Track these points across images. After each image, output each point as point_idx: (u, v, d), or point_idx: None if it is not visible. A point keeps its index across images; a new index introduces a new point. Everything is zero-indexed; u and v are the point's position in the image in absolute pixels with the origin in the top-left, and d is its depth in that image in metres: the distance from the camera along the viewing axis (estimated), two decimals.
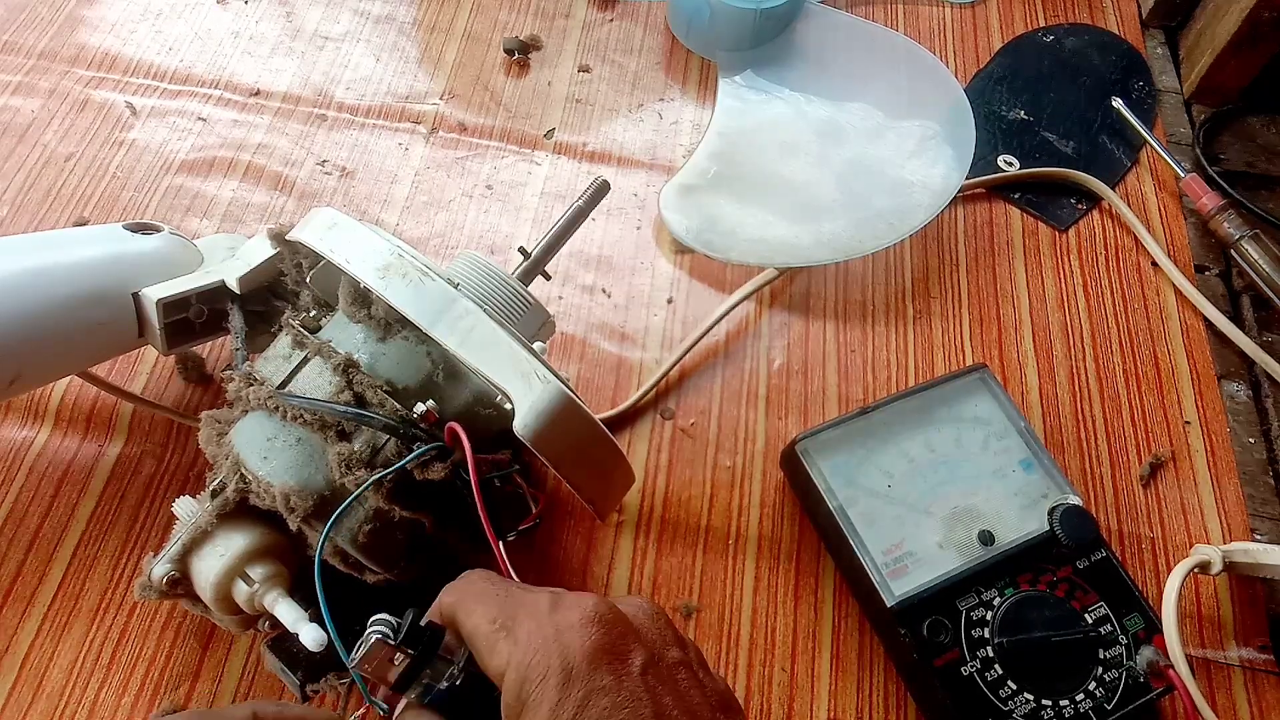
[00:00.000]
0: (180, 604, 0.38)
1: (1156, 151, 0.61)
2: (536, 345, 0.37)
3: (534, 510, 0.37)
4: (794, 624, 0.44)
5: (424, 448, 0.34)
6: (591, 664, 0.24)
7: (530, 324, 0.40)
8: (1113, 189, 0.60)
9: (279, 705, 0.32)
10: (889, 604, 0.40)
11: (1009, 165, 0.61)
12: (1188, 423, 0.51)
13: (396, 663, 0.26)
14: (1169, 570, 0.44)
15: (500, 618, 0.26)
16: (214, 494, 0.36)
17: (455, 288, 0.35)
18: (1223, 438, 0.51)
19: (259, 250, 0.42)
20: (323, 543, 0.33)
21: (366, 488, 0.33)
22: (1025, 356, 0.53)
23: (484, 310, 0.34)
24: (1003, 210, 0.60)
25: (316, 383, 0.36)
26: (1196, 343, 0.54)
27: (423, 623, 0.27)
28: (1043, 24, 0.69)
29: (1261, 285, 0.55)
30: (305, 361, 0.37)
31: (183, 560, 0.36)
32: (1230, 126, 0.64)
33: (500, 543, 0.33)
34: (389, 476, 0.34)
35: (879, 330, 0.54)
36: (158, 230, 0.44)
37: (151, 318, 0.40)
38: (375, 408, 0.35)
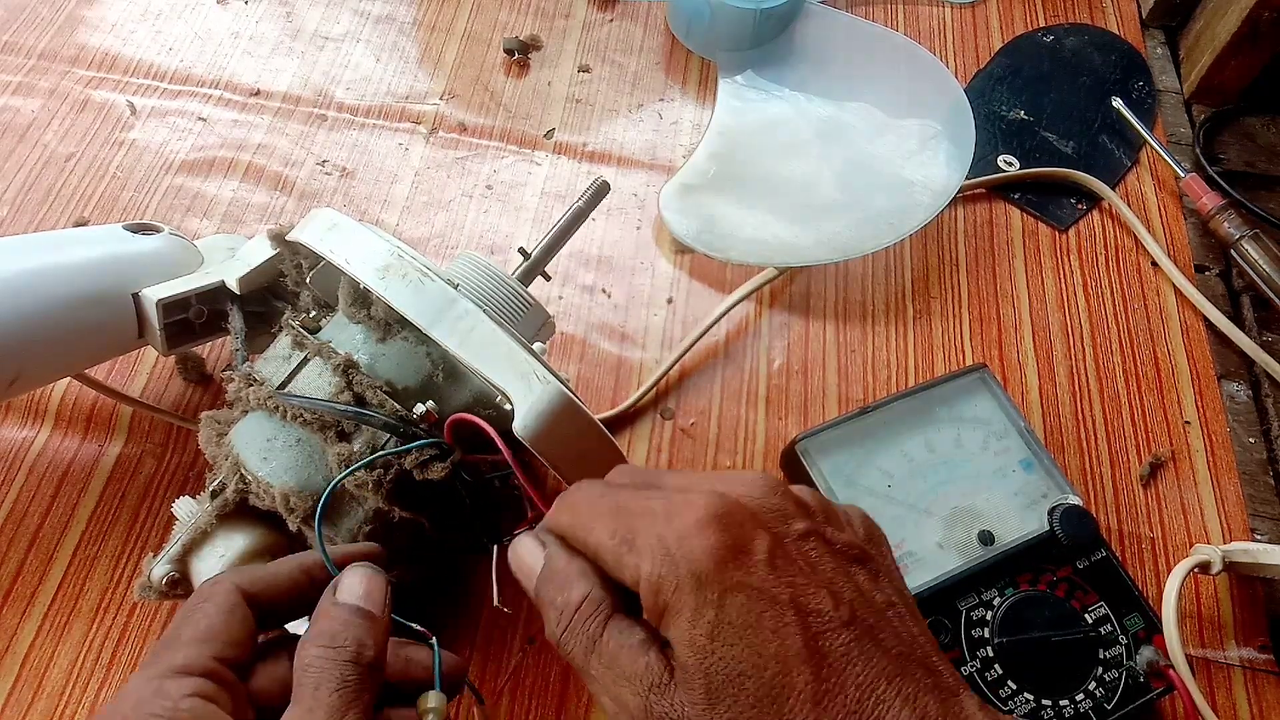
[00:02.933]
0: (180, 604, 0.38)
1: (1156, 151, 0.61)
2: (536, 345, 0.37)
3: (530, 515, 0.37)
4: None
5: (422, 442, 0.34)
6: (719, 566, 0.24)
7: (530, 324, 0.40)
8: (1113, 189, 0.60)
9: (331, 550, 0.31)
10: None
11: (1009, 165, 0.61)
12: (1188, 423, 0.51)
13: None
14: (1169, 570, 0.44)
15: (619, 531, 0.26)
16: (214, 494, 0.36)
17: (455, 288, 0.35)
18: (1223, 438, 0.51)
19: (259, 251, 0.42)
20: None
21: (357, 468, 0.33)
22: (1025, 356, 0.53)
23: (484, 311, 0.34)
24: (1003, 210, 0.60)
25: (316, 383, 0.36)
26: (1196, 343, 0.54)
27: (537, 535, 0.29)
28: (1043, 24, 0.69)
29: (1261, 285, 0.55)
30: (305, 362, 0.37)
31: (183, 560, 0.36)
32: (1230, 126, 0.64)
33: (495, 547, 0.33)
34: (389, 478, 0.34)
35: (879, 330, 0.54)
36: (158, 231, 0.44)
37: (151, 318, 0.40)
38: (375, 408, 0.35)
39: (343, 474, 0.33)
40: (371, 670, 0.26)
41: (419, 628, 0.30)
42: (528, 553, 0.29)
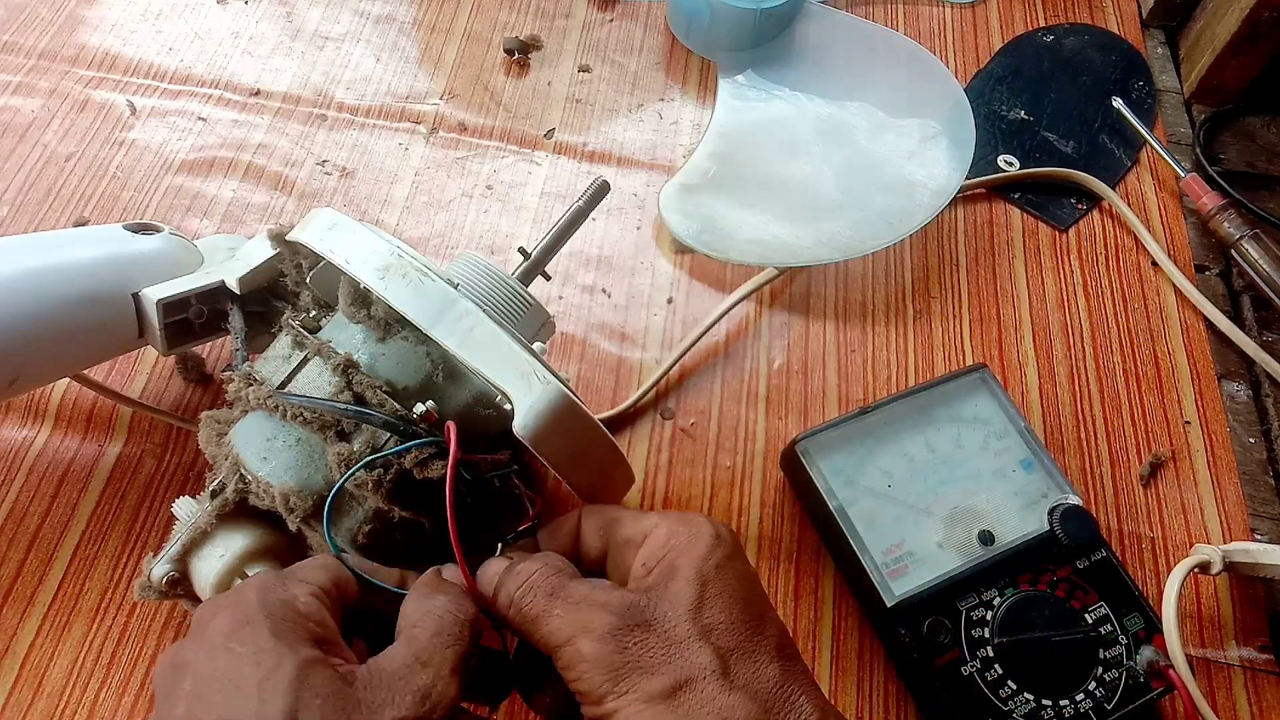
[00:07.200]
0: (180, 604, 0.38)
1: (1156, 151, 0.61)
2: (536, 345, 0.37)
3: (530, 512, 0.37)
4: (794, 624, 0.44)
5: (420, 441, 0.34)
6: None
7: (530, 324, 0.40)
8: (1113, 189, 0.60)
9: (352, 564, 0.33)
10: (889, 604, 0.40)
11: (1009, 165, 0.61)
12: (1188, 423, 0.51)
13: None
14: (1169, 570, 0.44)
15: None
16: (214, 494, 0.36)
17: (455, 288, 0.35)
18: (1223, 438, 0.51)
19: (259, 251, 0.42)
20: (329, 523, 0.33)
21: (358, 469, 0.33)
22: (1025, 356, 0.53)
23: (484, 311, 0.34)
24: (1003, 210, 0.60)
25: (316, 383, 0.36)
26: (1196, 343, 0.54)
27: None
28: (1043, 24, 0.69)
29: (1261, 285, 0.55)
30: (305, 362, 0.37)
31: (182, 560, 0.36)
32: (1230, 126, 0.64)
33: (460, 548, 0.32)
34: (389, 477, 0.34)
35: (879, 330, 0.54)
36: (158, 230, 0.44)
37: (151, 318, 0.40)
38: (375, 408, 0.35)
39: (346, 475, 0.33)
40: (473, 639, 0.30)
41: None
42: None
